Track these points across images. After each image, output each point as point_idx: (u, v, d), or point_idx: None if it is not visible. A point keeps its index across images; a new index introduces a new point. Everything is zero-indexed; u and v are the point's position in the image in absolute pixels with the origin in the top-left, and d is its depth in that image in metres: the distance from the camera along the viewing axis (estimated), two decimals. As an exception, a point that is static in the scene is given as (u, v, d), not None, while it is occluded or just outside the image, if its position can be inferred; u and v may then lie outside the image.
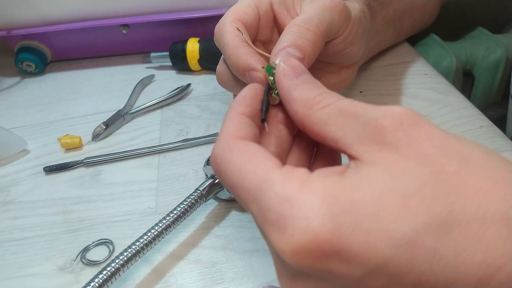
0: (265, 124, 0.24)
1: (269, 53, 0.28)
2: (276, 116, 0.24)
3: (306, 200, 0.18)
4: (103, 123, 0.46)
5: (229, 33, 0.29)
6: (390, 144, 0.18)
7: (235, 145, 0.21)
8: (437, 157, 0.17)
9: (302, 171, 0.19)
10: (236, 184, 0.20)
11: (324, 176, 0.19)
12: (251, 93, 0.23)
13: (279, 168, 0.19)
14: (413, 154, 0.18)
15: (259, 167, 0.19)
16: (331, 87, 0.36)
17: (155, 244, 0.29)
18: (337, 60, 0.35)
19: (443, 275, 0.16)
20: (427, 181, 0.17)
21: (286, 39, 0.27)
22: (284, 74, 0.23)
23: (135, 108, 0.48)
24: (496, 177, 0.17)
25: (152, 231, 0.29)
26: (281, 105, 0.24)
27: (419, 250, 0.16)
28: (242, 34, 0.29)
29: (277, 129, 0.24)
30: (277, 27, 0.34)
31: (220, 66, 0.32)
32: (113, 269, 0.27)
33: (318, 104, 0.21)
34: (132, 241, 0.29)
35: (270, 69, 0.25)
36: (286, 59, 0.24)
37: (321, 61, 0.35)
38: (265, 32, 0.33)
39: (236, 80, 0.31)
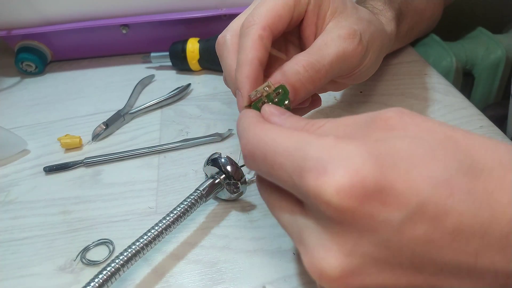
0: None
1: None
2: None
3: (344, 145, 0.18)
4: (103, 123, 0.46)
5: (251, 41, 0.28)
6: (399, 128, 0.19)
7: (265, 126, 0.22)
8: (445, 130, 0.19)
9: (332, 134, 0.20)
10: (270, 152, 0.20)
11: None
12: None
13: (311, 134, 0.20)
14: (423, 130, 0.19)
15: (292, 134, 0.20)
16: (322, 90, 0.36)
17: (155, 244, 0.29)
18: (346, 82, 0.35)
19: (480, 216, 0.17)
20: (443, 141, 0.18)
21: (289, 76, 0.27)
22: (272, 114, 0.25)
23: (135, 108, 0.48)
24: (496, 140, 0.19)
25: (152, 231, 0.29)
26: None
27: (456, 190, 0.17)
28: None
29: None
30: (300, 25, 0.32)
31: (222, 38, 0.31)
32: (113, 269, 0.27)
33: (313, 126, 0.22)
34: (132, 241, 0.29)
35: (256, 105, 0.27)
36: (266, 105, 0.26)
37: None
38: (290, 27, 0.31)
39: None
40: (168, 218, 0.30)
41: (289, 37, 0.33)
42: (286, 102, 0.27)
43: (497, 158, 0.18)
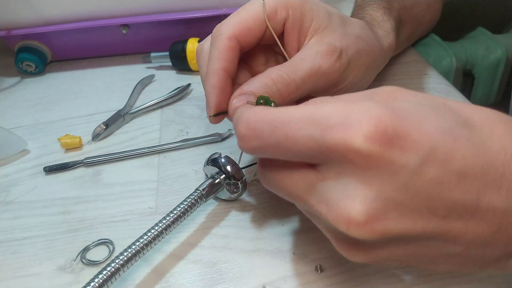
0: None
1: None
2: None
3: (361, 101, 0.20)
4: (103, 123, 0.46)
5: (218, 51, 0.29)
6: (399, 96, 0.22)
7: (265, 107, 0.23)
8: (437, 98, 0.22)
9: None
10: (282, 122, 0.21)
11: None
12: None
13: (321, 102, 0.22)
14: (420, 97, 0.22)
15: (301, 105, 0.21)
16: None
17: (155, 244, 0.29)
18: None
19: (479, 159, 0.19)
20: (438, 104, 0.21)
21: (255, 88, 0.28)
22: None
23: (135, 108, 0.48)
24: (483, 108, 0.22)
25: (152, 231, 0.29)
26: None
27: (458, 137, 0.19)
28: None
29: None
30: (283, 39, 0.32)
31: (201, 47, 0.32)
32: (113, 269, 0.27)
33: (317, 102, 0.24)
34: (132, 241, 0.29)
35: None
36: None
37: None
38: (271, 39, 0.31)
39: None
40: (168, 218, 0.30)
41: (275, 47, 0.33)
42: (272, 104, 0.27)
43: (484, 116, 0.21)
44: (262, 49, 0.33)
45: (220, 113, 0.29)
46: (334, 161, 0.20)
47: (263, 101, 0.27)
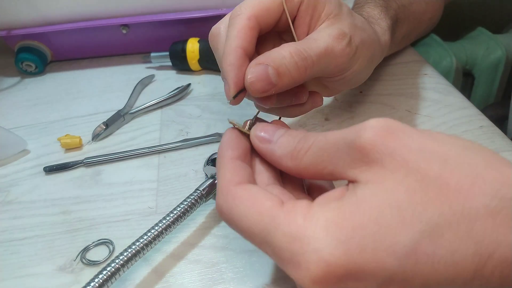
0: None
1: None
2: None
3: (312, 234, 0.19)
4: (103, 123, 0.46)
5: (236, 30, 0.28)
6: (375, 160, 0.20)
7: (236, 193, 0.22)
8: (419, 164, 0.19)
9: (303, 204, 0.21)
10: (245, 230, 0.21)
11: (324, 205, 0.20)
12: (232, 136, 0.26)
13: (281, 207, 0.21)
14: (397, 166, 0.19)
15: (262, 210, 0.21)
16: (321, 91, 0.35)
17: (155, 244, 0.29)
18: (336, 86, 0.35)
19: (445, 273, 0.18)
20: (415, 190, 0.18)
21: (273, 58, 0.27)
22: (261, 141, 0.25)
23: (135, 108, 0.48)
24: (475, 173, 0.18)
25: (152, 231, 0.29)
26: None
27: (420, 257, 0.18)
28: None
29: (266, 164, 0.26)
30: (294, 23, 0.32)
31: (216, 29, 0.31)
32: (113, 269, 0.27)
33: (300, 152, 0.23)
34: (132, 241, 0.29)
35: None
36: (256, 126, 0.26)
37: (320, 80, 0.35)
38: (283, 25, 0.31)
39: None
40: (168, 218, 0.30)
41: (284, 36, 0.33)
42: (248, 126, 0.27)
43: (467, 206, 0.18)
44: (271, 36, 0.33)
45: (239, 92, 0.28)
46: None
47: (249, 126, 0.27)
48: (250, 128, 0.26)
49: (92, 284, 0.26)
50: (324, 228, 0.19)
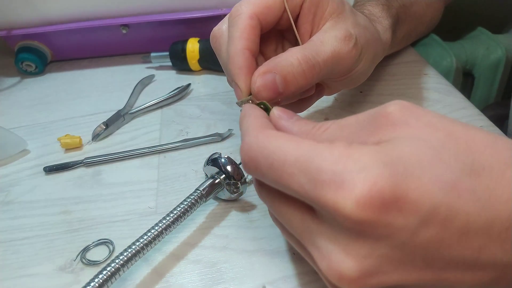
0: None
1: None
2: None
3: (358, 155, 0.18)
4: (103, 123, 0.46)
5: (240, 30, 0.28)
6: (401, 122, 0.20)
7: (269, 133, 0.22)
8: (444, 124, 0.20)
9: (341, 141, 0.20)
10: (278, 161, 0.20)
11: (362, 145, 0.20)
12: (253, 106, 0.26)
13: (320, 143, 0.20)
14: (423, 124, 0.20)
15: (300, 143, 0.20)
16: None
17: (155, 244, 0.29)
18: (338, 86, 0.35)
19: (484, 214, 0.18)
20: (445, 140, 0.19)
21: (282, 67, 0.27)
22: (280, 117, 0.25)
23: (135, 108, 0.48)
24: (493, 135, 0.20)
25: (152, 231, 0.29)
26: None
27: (462, 192, 0.18)
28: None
29: None
30: (296, 21, 0.32)
31: (219, 31, 0.31)
32: (113, 269, 0.27)
33: (319, 130, 0.23)
34: (132, 241, 0.29)
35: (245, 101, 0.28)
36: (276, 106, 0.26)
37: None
38: (285, 23, 0.31)
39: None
40: (168, 218, 0.30)
41: (286, 34, 0.33)
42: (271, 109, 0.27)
43: (495, 155, 0.19)
44: (273, 34, 0.33)
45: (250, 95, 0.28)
46: (328, 215, 0.19)
47: (263, 106, 0.27)
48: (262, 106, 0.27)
49: (92, 284, 0.26)
50: (368, 153, 0.18)
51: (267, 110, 0.26)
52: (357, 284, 0.19)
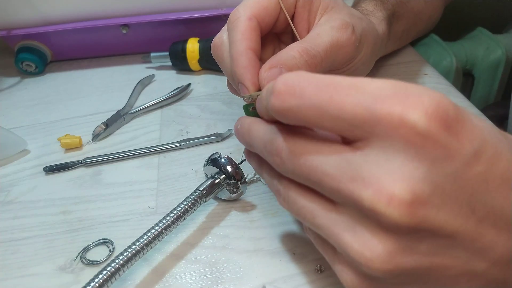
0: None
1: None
2: None
3: (413, 85, 0.18)
4: (103, 123, 0.46)
5: (240, 33, 0.28)
6: None
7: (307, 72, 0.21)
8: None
9: None
10: (327, 84, 0.19)
11: None
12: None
13: None
14: None
15: (350, 77, 0.19)
16: None
17: (155, 244, 0.29)
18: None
19: None
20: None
21: (284, 60, 0.27)
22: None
23: (135, 108, 0.48)
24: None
25: (152, 231, 0.29)
26: None
27: (502, 139, 0.19)
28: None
29: None
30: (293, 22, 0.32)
31: (219, 39, 0.31)
32: (113, 269, 0.27)
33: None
34: (132, 241, 0.29)
35: (248, 108, 0.27)
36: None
37: None
38: (281, 26, 0.31)
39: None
40: (168, 218, 0.30)
41: (282, 38, 0.33)
42: None
43: None
44: (270, 39, 0.33)
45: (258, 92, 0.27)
46: (382, 134, 0.18)
47: None
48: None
49: (92, 284, 0.26)
50: (422, 87, 0.18)
51: None
52: (407, 210, 0.17)
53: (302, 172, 0.21)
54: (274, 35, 0.33)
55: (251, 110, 0.28)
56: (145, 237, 0.29)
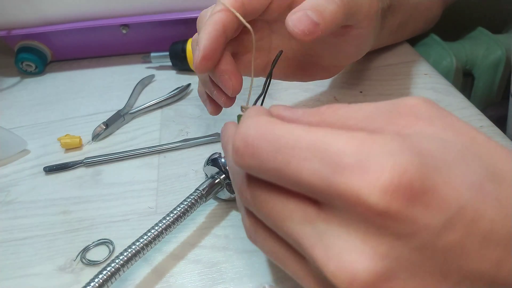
0: None
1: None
2: None
3: (383, 141, 0.16)
4: (103, 123, 0.46)
5: (219, 7, 0.28)
6: (425, 117, 0.19)
7: (272, 119, 0.19)
8: (467, 129, 0.19)
9: (361, 130, 0.18)
10: (286, 146, 0.17)
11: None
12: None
13: (336, 129, 0.18)
14: (447, 126, 0.18)
15: (312, 128, 0.18)
16: (311, 77, 0.35)
17: (155, 244, 0.29)
18: (336, 56, 0.34)
19: (507, 225, 0.17)
20: (468, 145, 0.18)
21: (305, 3, 0.26)
22: (280, 107, 0.23)
23: (135, 108, 0.48)
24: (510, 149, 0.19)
25: (152, 231, 0.29)
26: None
27: (487, 195, 0.17)
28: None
29: None
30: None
31: (205, 11, 0.31)
32: (113, 269, 0.27)
33: (329, 109, 0.21)
34: (132, 241, 0.29)
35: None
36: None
37: (309, 54, 0.34)
38: (273, 13, 0.30)
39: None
40: (168, 218, 0.30)
41: (274, 27, 0.33)
42: None
43: None
44: (260, 26, 0.32)
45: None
46: (341, 207, 0.17)
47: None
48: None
49: (92, 284, 0.26)
50: (394, 139, 0.16)
51: None
52: None
53: (266, 220, 0.20)
54: (266, 23, 0.32)
55: None
56: (145, 237, 0.29)
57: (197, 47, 0.27)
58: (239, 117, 0.29)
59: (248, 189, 0.21)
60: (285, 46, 0.34)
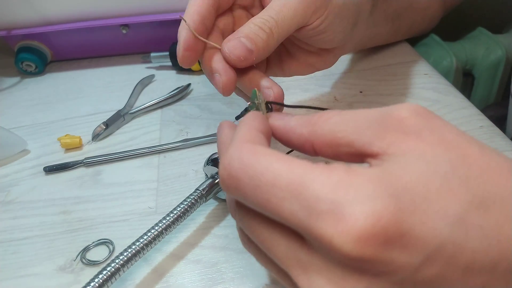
0: None
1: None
2: None
3: (360, 184, 0.16)
4: (103, 123, 0.46)
5: (193, 6, 0.29)
6: (413, 132, 0.18)
7: (256, 148, 0.19)
8: (459, 143, 0.18)
9: (340, 164, 0.18)
10: (266, 183, 0.18)
11: (363, 167, 0.18)
12: (254, 115, 0.24)
13: (315, 165, 0.18)
14: (437, 140, 0.18)
15: (293, 164, 0.18)
16: (309, 66, 0.35)
17: (155, 244, 0.29)
18: (312, 43, 0.34)
19: (490, 252, 0.17)
20: (458, 164, 0.17)
21: (240, 31, 0.27)
22: (275, 115, 0.24)
23: (135, 108, 0.48)
24: (510, 160, 0.18)
25: (152, 231, 0.29)
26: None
27: (470, 228, 0.16)
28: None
29: None
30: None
31: None
32: (113, 269, 0.27)
33: (321, 118, 0.21)
34: (132, 241, 0.29)
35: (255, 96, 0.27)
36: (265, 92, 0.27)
37: (300, 40, 0.34)
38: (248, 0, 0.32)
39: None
40: (168, 218, 0.30)
41: (252, 10, 0.33)
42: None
43: (509, 186, 0.17)
44: (239, 14, 0.33)
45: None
46: (318, 247, 0.17)
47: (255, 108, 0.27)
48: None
49: (92, 284, 0.26)
50: (372, 181, 0.16)
51: None
52: None
53: (255, 242, 0.21)
54: (244, 10, 0.33)
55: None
56: (145, 237, 0.29)
57: (178, 42, 0.28)
58: (246, 109, 0.28)
59: (238, 214, 0.21)
60: None
